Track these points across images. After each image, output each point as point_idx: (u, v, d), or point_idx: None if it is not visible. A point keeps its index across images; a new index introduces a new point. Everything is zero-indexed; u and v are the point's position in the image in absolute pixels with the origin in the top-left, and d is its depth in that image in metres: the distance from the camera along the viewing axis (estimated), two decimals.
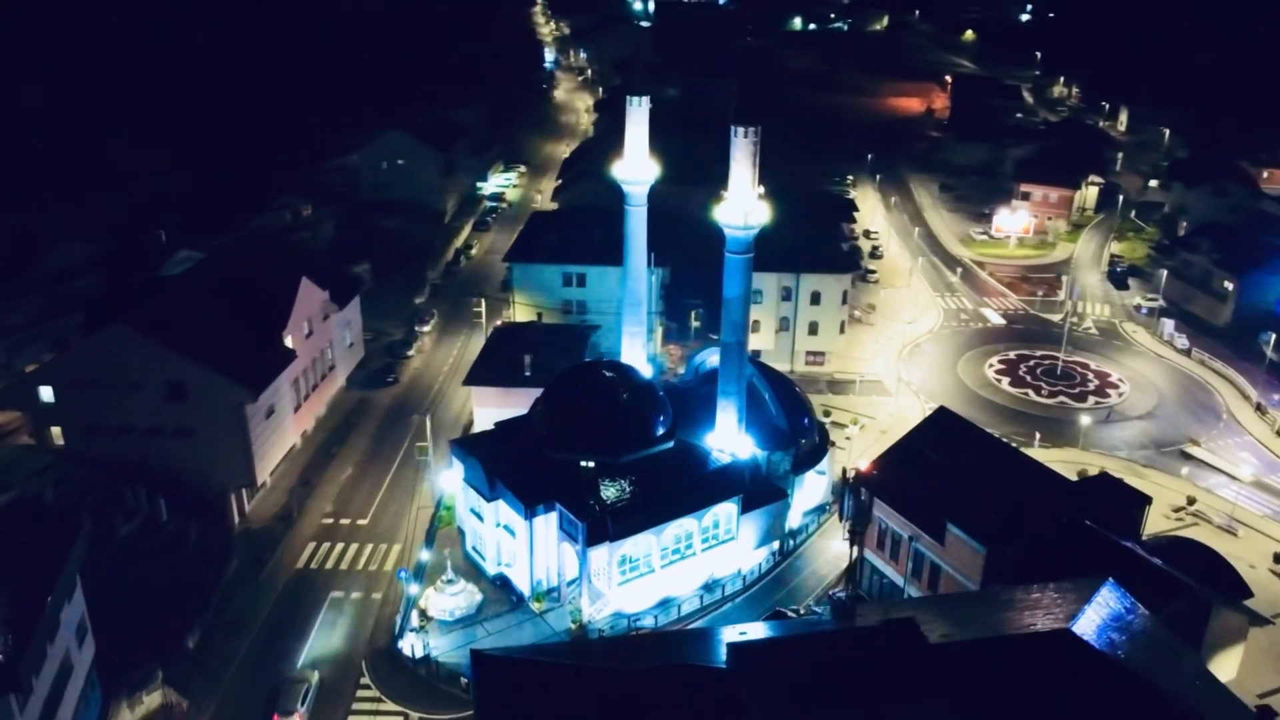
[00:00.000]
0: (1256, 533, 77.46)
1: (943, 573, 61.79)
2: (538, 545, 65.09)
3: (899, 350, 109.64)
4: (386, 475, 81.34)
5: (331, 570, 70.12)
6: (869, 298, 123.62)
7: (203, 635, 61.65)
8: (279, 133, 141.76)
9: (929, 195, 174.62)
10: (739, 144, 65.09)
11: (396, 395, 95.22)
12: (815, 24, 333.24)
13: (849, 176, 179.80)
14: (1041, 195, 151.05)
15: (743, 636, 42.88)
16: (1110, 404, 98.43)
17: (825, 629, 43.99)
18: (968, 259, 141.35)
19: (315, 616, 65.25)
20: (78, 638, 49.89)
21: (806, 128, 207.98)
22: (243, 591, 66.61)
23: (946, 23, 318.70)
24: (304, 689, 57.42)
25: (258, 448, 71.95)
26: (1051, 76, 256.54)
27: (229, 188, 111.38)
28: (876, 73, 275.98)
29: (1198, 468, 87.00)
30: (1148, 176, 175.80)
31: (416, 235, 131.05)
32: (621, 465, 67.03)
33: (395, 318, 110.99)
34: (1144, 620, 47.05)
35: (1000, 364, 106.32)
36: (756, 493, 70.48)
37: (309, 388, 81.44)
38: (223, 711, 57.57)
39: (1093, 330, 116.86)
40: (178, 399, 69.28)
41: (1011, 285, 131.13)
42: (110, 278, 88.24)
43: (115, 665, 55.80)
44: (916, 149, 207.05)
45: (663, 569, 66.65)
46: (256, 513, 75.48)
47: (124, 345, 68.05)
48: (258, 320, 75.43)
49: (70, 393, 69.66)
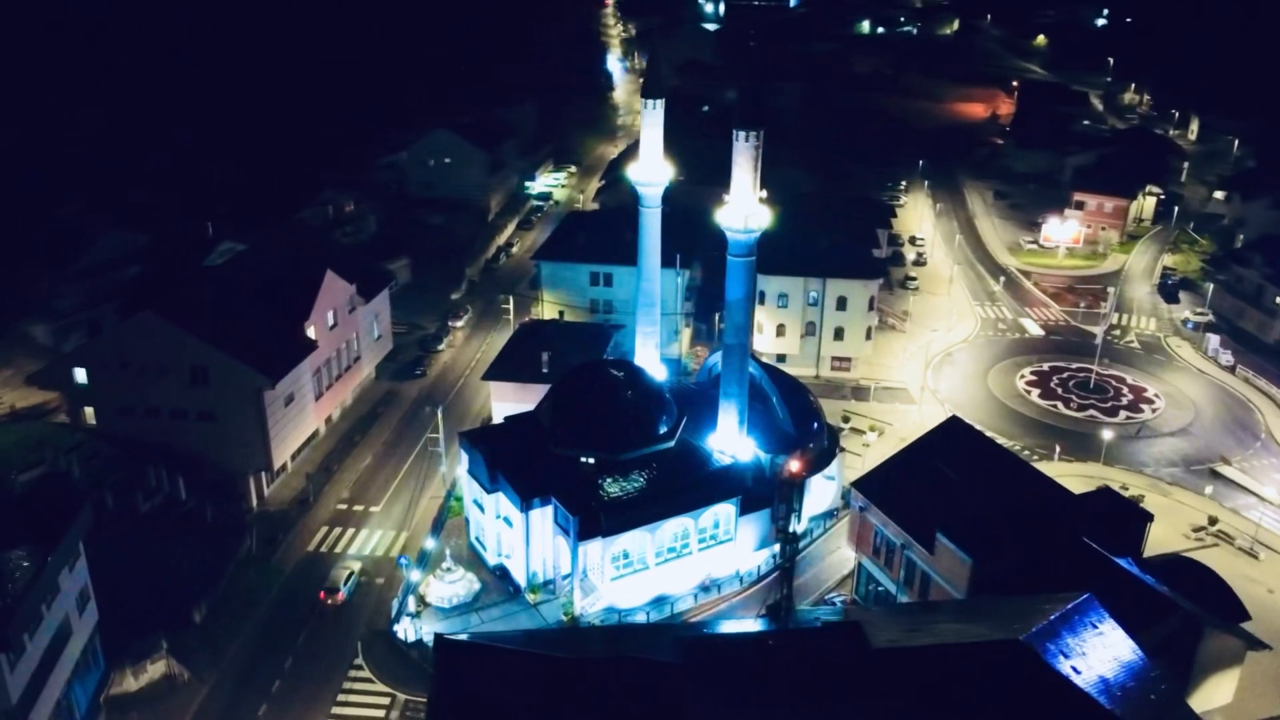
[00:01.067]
0: None
1: (933, 582, 61.43)
2: (534, 538, 66.42)
3: (930, 358, 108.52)
4: (404, 465, 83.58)
5: (340, 554, 72.46)
6: (906, 304, 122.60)
7: (210, 610, 64.30)
8: (333, 130, 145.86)
9: (982, 202, 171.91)
10: (740, 148, 65.49)
11: (424, 388, 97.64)
12: (884, 27, 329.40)
13: (902, 182, 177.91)
14: (1096, 205, 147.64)
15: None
16: (1142, 419, 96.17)
17: (774, 630, 44.39)
18: (1014, 268, 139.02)
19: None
20: (79, 605, 52.66)
21: (865, 132, 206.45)
22: (254, 570, 69.27)
23: (1019, 27, 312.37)
24: (348, 575, 67.95)
25: (275, 433, 74.62)
26: (1123, 83, 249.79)
27: (277, 183, 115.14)
28: (942, 77, 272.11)
29: (1227, 487, 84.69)
30: (1213, 188, 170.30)
31: (460, 232, 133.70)
32: (621, 462, 68.02)
33: (431, 312, 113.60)
34: (1114, 637, 46.46)
35: (1032, 375, 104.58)
36: (757, 495, 70.83)
37: (332, 377, 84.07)
38: (223, 684, 60.10)
39: (1135, 344, 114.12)
40: (201, 384, 72.30)
41: (1056, 296, 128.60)
42: (156, 267, 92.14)
43: (121, 635, 58.68)
44: (977, 155, 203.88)
45: (658, 566, 67.47)
46: (276, 496, 78.32)
47: (152, 331, 71.27)
48: (281, 310, 78.20)
49: (102, 375, 73.17)
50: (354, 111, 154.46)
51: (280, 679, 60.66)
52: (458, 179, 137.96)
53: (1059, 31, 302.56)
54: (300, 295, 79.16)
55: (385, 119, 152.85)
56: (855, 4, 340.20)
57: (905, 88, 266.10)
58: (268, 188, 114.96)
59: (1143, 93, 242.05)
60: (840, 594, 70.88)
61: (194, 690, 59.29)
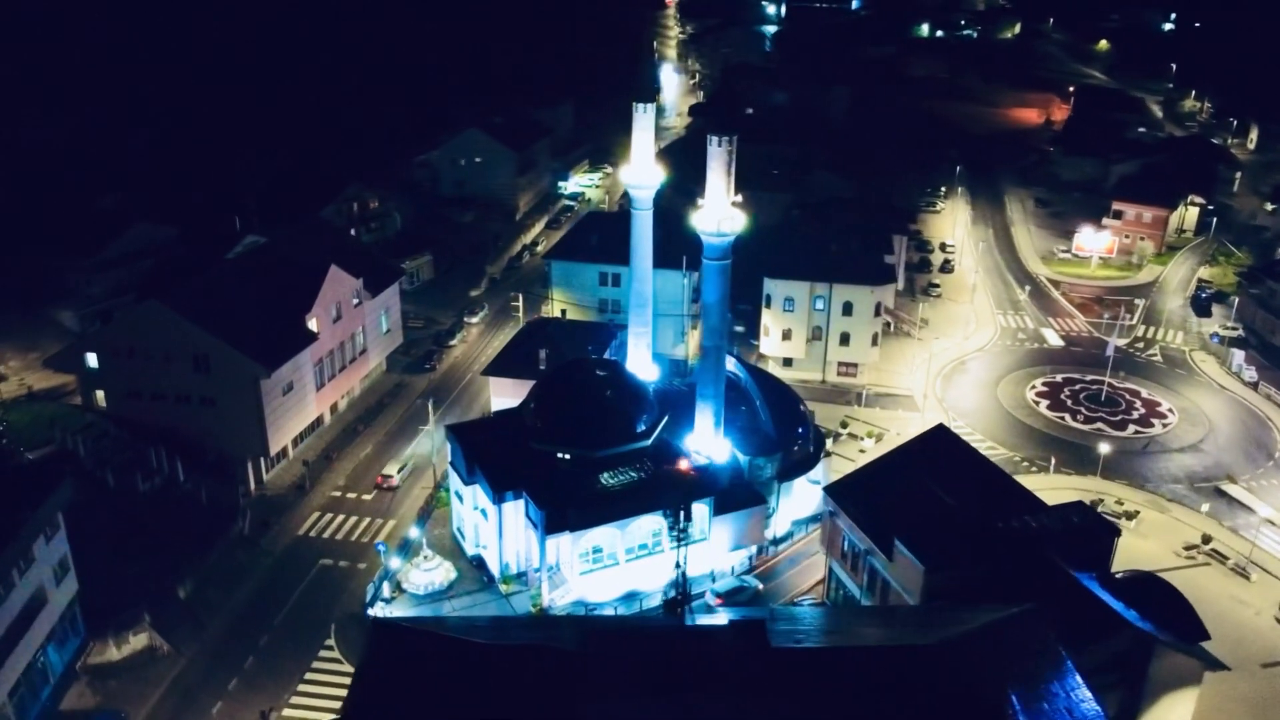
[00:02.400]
0: (1273, 578, 73.43)
1: (891, 588, 61.56)
2: (507, 530, 68.11)
3: (941, 366, 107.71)
4: (402, 456, 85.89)
5: (329, 539, 75.04)
6: (926, 311, 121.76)
7: (195, 587, 67.23)
8: (375, 127, 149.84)
9: (1022, 210, 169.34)
10: (714, 152, 66.24)
11: (432, 381, 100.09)
12: (943, 31, 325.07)
13: (942, 188, 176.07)
14: (1135, 214, 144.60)
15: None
16: (1151, 434, 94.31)
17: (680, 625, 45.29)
18: (1044, 277, 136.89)
19: (303, 581, 70.17)
20: (57, 575, 55.75)
21: (912, 137, 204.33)
22: (243, 551, 72.17)
23: (1082, 31, 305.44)
24: (403, 465, 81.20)
25: (273, 419, 77.49)
26: (1184, 90, 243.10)
27: (305, 179, 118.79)
28: (999, 82, 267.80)
29: (1231, 506, 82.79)
30: (1266, 199, 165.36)
31: (487, 230, 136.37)
32: (595, 460, 69.33)
33: (450, 308, 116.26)
34: (1043, 651, 46.32)
35: (1044, 386, 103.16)
36: (732, 496, 71.52)
37: (335, 368, 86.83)
38: (200, 658, 62.86)
39: (1157, 357, 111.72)
40: (203, 371, 75.51)
41: (1082, 306, 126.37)
42: (179, 258, 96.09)
43: (107, 606, 61.82)
44: (1026, 161, 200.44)
45: (629, 563, 68.60)
46: (275, 481, 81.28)
47: (157, 319, 74.69)
48: (284, 302, 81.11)
49: (112, 360, 76.88)
50: (394, 110, 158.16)
51: (254, 655, 63.23)
52: (487, 178, 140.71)
53: (1123, 36, 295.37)
54: (302, 288, 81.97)
55: (425, 117, 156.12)
56: (917, 7, 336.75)
57: (960, 92, 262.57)
58: (297, 184, 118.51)
59: (1204, 100, 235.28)
60: (811, 597, 71.25)
61: (173, 662, 62.14)
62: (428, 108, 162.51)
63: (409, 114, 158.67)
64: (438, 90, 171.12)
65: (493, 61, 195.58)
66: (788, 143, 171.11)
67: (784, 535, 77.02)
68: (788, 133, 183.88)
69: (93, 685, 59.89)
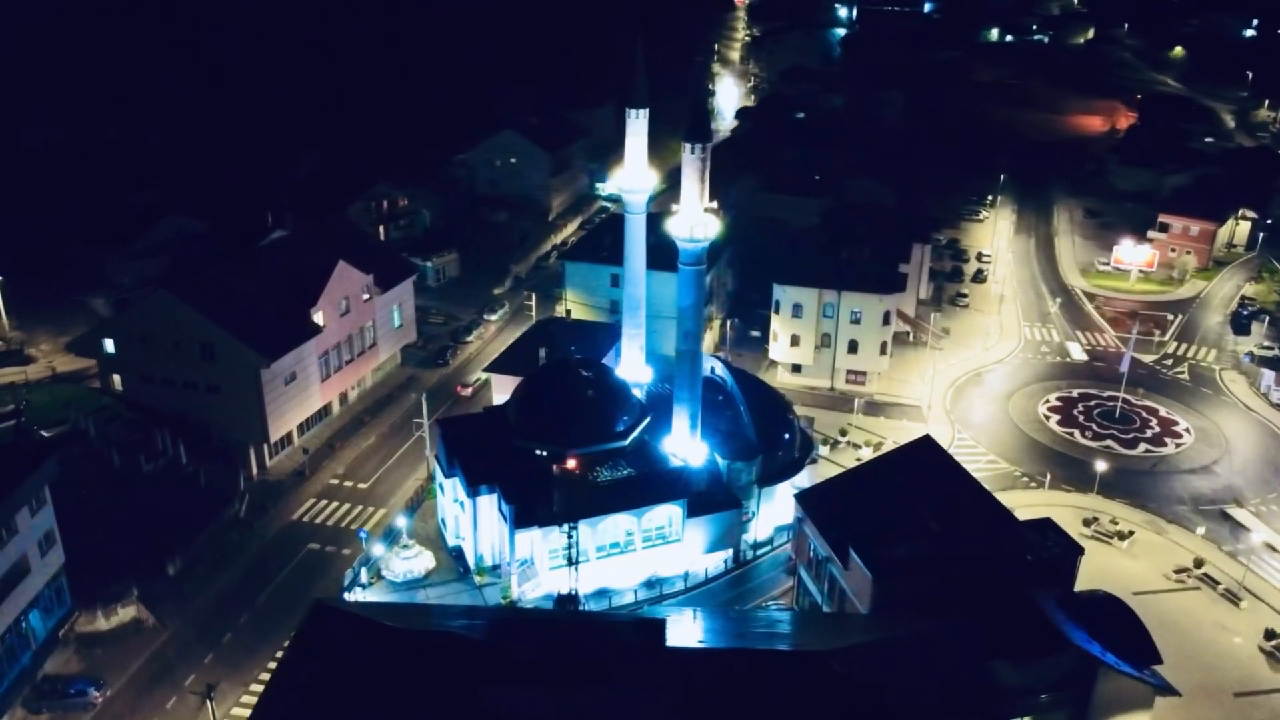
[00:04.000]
0: (1265, 605, 71.37)
1: (847, 597, 61.66)
2: (482, 522, 69.90)
3: (956, 377, 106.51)
4: (401, 447, 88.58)
5: (320, 525, 77.96)
6: (950, 321, 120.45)
7: (185, 565, 70.58)
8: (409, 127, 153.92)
9: (1069, 220, 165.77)
10: (687, 159, 67.03)
11: (444, 376, 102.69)
12: (1013, 35, 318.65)
13: (989, 195, 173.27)
14: (1181, 228, 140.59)
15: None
16: (1162, 454, 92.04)
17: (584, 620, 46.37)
18: (1080, 289, 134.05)
19: (290, 564, 73.08)
20: (42, 546, 59.27)
21: (966, 143, 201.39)
22: (236, 533, 75.39)
23: (1157, 37, 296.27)
24: (476, 379, 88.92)
25: (273, 408, 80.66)
26: (1259, 99, 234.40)
27: (339, 177, 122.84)
28: (1065, 88, 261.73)
29: (1234, 530, 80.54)
30: None
31: (518, 230, 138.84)
32: (570, 457, 70.61)
33: (473, 305, 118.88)
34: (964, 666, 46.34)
35: (1058, 400, 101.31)
36: (708, 499, 72.20)
37: (342, 361, 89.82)
38: (182, 632, 66.06)
39: (1184, 375, 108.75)
40: (208, 359, 79.08)
41: (1115, 321, 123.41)
42: (206, 251, 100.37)
43: (100, 579, 65.38)
44: (1084, 170, 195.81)
45: (600, 560, 69.82)
46: (278, 467, 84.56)
47: (167, 309, 78.51)
48: (291, 296, 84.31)
49: (127, 346, 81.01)
50: (437, 110, 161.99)
51: (233, 632, 66.24)
52: (521, 178, 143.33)
53: (1200, 42, 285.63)
54: (310, 283, 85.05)
55: (470, 117, 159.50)
56: (988, 11, 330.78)
57: (1025, 98, 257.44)
58: (329, 182, 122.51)
59: (1278, 109, 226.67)
60: (780, 602, 71.61)
61: (156, 634, 65.48)
62: (472, 108, 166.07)
63: (454, 114, 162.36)
64: (482, 91, 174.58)
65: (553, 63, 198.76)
66: (829, 147, 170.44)
67: (765, 540, 77.43)
68: (838, 137, 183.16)
69: (79, 652, 63.53)
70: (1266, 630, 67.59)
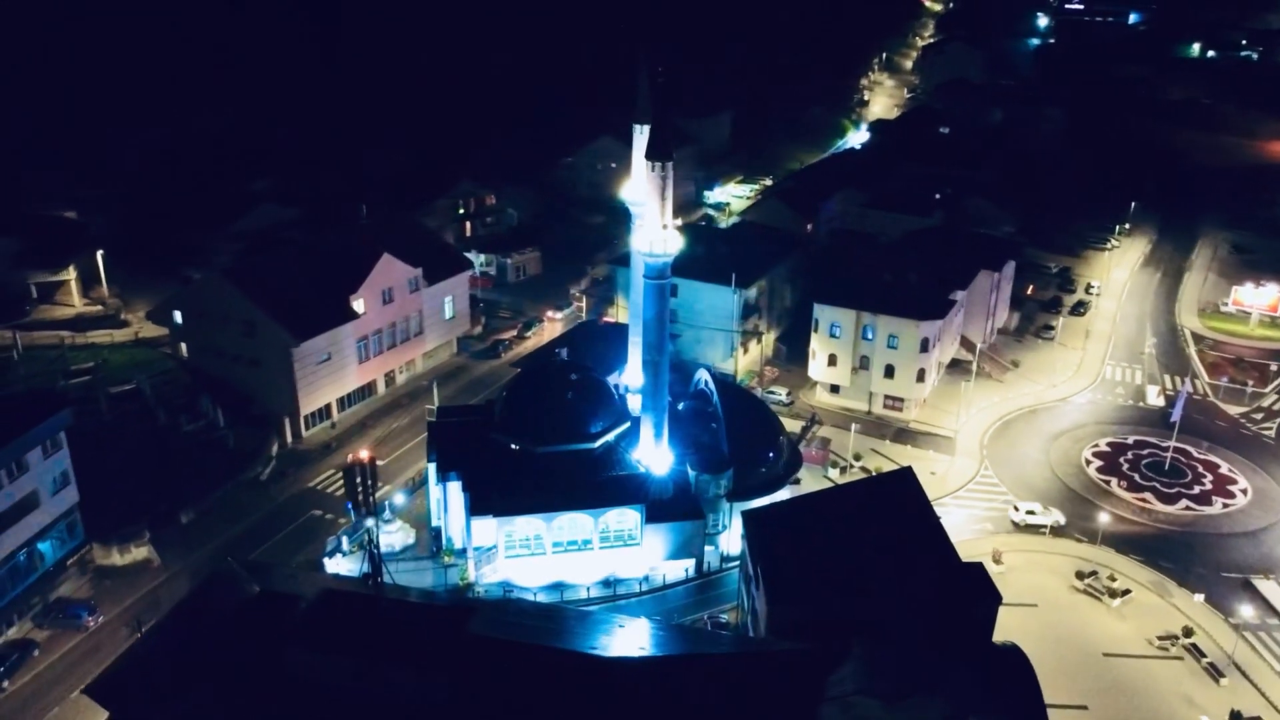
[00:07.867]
0: (1248, 684, 65.85)
1: (758, 618, 62.07)
2: (450, 506, 74.43)
3: (1006, 413, 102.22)
4: (425, 431, 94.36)
5: (328, 494, 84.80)
6: (1026, 354, 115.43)
7: (197, 517, 78.94)
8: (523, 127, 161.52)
9: (1209, 255, 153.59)
10: (650, 178, 68.74)
11: (493, 368, 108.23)
12: (1216, 51, 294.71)
13: (1126, 224, 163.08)
14: None
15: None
16: (1204, 513, 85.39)
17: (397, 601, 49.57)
18: (1190, 330, 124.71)
19: (290, 526, 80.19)
20: (54, 485, 68.41)
21: (1124, 167, 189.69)
22: (250, 493, 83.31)
23: None
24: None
25: (304, 384, 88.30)
26: None
27: (430, 173, 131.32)
28: (1264, 110, 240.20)
29: (1251, 603, 74.09)
30: None
31: (610, 233, 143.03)
32: (538, 455, 74.08)
33: (544, 302, 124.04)
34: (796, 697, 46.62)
35: (1106, 446, 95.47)
36: (669, 507, 73.78)
37: (383, 346, 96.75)
38: (181, 575, 74.08)
39: (1269, 432, 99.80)
40: (250, 335, 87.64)
41: (1215, 367, 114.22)
42: (294, 236, 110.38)
43: (115, 520, 74.43)
44: (1252, 201, 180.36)
45: (555, 554, 72.89)
46: (311, 438, 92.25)
47: (219, 288, 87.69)
48: (335, 283, 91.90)
49: (189, 319, 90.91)
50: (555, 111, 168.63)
51: None
52: (620, 183, 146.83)
53: None
54: (353, 272, 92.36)
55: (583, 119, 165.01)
56: (1193, 24, 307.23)
57: (1216, 120, 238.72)
58: (424, 176, 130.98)
59: None
60: (725, 613, 72.31)
61: (157, 575, 73.89)
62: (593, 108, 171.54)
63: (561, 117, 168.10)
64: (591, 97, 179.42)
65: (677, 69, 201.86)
66: (952, 164, 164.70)
67: (737, 555, 77.98)
68: (983, 155, 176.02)
69: (92, 581, 72.66)
70: (1232, 711, 62.48)
